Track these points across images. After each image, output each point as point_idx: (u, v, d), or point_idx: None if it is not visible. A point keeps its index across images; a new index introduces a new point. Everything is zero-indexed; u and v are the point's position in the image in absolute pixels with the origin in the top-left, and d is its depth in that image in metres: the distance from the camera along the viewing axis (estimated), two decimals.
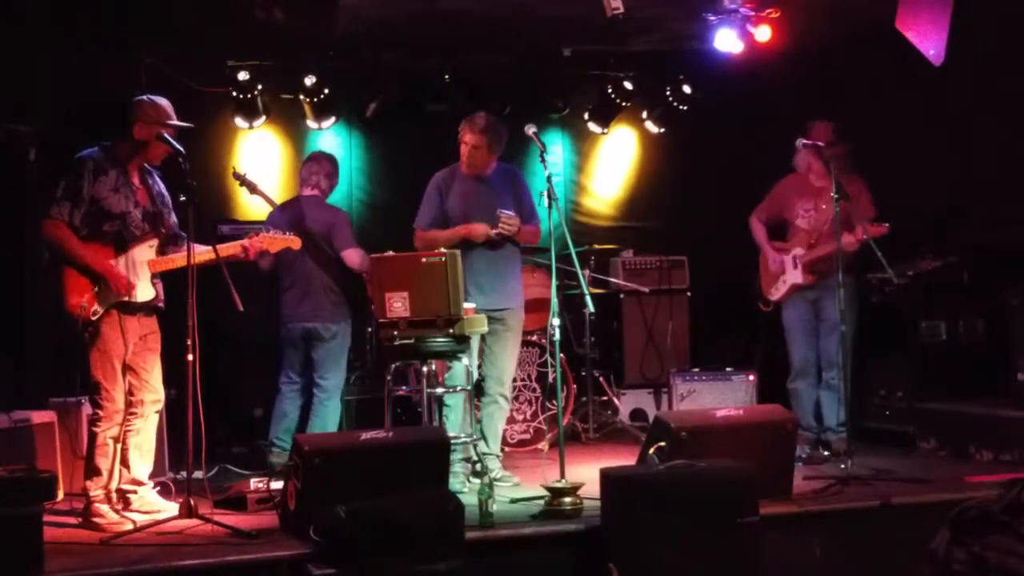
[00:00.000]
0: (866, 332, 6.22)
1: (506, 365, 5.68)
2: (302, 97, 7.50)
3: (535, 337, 6.84)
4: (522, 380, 6.84)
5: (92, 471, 4.76)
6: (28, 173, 6.10)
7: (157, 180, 5.06)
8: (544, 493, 4.72)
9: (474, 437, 5.46)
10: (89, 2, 6.28)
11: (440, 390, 5.48)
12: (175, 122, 4.89)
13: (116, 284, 4.72)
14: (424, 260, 5.15)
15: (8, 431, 5.16)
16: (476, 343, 5.55)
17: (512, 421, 6.68)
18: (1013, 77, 6.14)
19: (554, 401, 6.16)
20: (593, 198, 8.74)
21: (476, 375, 5.56)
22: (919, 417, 6.34)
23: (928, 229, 6.45)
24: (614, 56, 8.02)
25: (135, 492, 4.89)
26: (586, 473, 4.90)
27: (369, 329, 6.89)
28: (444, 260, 5.10)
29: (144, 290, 4.83)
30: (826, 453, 6.12)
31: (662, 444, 4.64)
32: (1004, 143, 6.26)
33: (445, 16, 6.82)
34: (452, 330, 5.13)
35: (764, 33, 6.70)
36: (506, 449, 6.36)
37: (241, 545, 4.19)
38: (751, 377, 6.98)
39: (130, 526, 4.57)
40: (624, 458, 5.49)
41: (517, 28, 7.23)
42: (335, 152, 7.09)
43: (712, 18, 6.76)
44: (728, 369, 7.09)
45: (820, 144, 5.85)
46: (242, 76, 7.20)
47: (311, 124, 7.73)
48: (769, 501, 4.48)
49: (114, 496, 4.82)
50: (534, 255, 6.82)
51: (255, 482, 5.05)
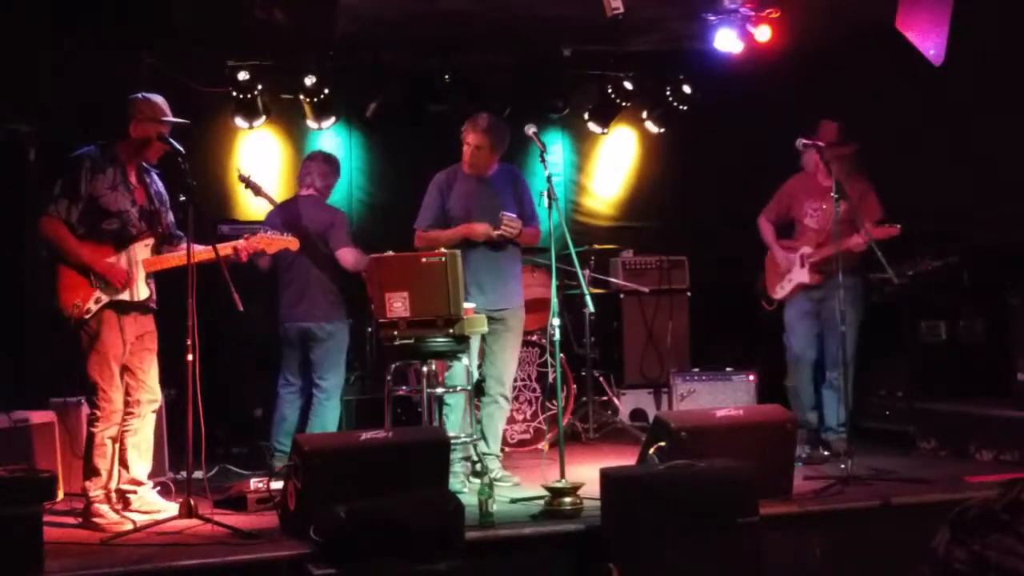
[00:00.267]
0: (866, 332, 6.21)
1: (506, 365, 5.68)
2: (302, 97, 7.50)
3: (535, 337, 6.84)
4: (522, 380, 6.84)
5: (91, 471, 4.76)
6: (28, 173, 6.11)
7: (155, 179, 5.06)
8: (544, 493, 4.72)
9: (474, 437, 5.46)
10: (89, 2, 6.28)
11: (440, 390, 5.48)
12: (170, 119, 4.89)
13: (115, 279, 4.71)
14: (424, 260, 5.15)
15: (8, 431, 5.15)
16: (476, 343, 5.55)
17: (512, 421, 6.67)
18: (1013, 77, 6.14)
19: (554, 401, 6.16)
20: (593, 198, 8.75)
21: (476, 375, 5.56)
22: (919, 417, 6.34)
23: (928, 229, 6.45)
24: (614, 56, 8.02)
25: (135, 492, 4.89)
26: (586, 473, 4.89)
27: (369, 329, 6.89)
28: (444, 260, 5.09)
29: (140, 289, 4.83)
30: (826, 453, 6.11)
31: (662, 444, 4.64)
32: (1004, 143, 6.26)
33: (445, 16, 6.82)
34: (452, 330, 5.13)
35: (764, 33, 6.71)
36: (506, 449, 6.36)
37: (241, 545, 4.19)
38: (751, 377, 6.97)
39: (130, 526, 4.57)
40: (624, 458, 5.49)
41: (517, 28, 7.23)
42: (335, 152, 7.09)
43: (712, 18, 6.77)
44: (728, 369, 7.09)
45: (820, 144, 5.84)
46: (242, 76, 7.20)
47: (311, 124, 7.73)
48: (769, 501, 4.47)
49: (114, 496, 4.82)
50: (534, 255, 6.81)
51: (255, 482, 5.04)
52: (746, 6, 6.61)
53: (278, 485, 4.75)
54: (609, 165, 8.77)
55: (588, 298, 5.18)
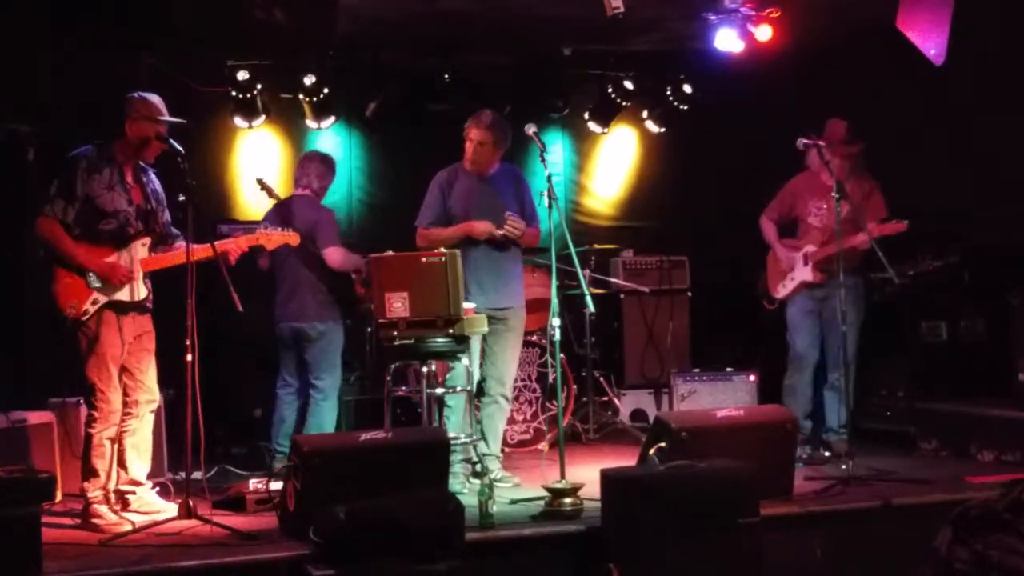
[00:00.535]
0: (867, 332, 6.21)
1: (507, 365, 5.67)
2: (302, 97, 7.50)
3: (535, 337, 6.84)
4: (522, 380, 6.83)
5: (89, 472, 4.75)
6: (28, 173, 6.10)
7: (152, 178, 5.05)
8: (544, 494, 4.72)
9: (474, 438, 5.45)
10: (89, 2, 6.27)
11: (440, 390, 5.47)
12: (166, 118, 4.88)
13: (115, 276, 4.70)
14: (424, 260, 5.14)
15: (6, 431, 5.15)
16: (477, 343, 5.55)
17: (512, 421, 6.67)
18: (1014, 77, 6.13)
19: (554, 401, 6.15)
20: (593, 198, 8.74)
21: (477, 376, 5.56)
22: (920, 417, 6.33)
23: (928, 229, 6.44)
24: (614, 56, 8.02)
25: (133, 493, 4.88)
26: (586, 473, 4.89)
27: (369, 329, 6.88)
28: (444, 260, 5.09)
29: (138, 288, 4.82)
30: (827, 454, 6.10)
31: (662, 444, 4.63)
32: (1005, 143, 6.26)
33: (445, 16, 6.82)
34: (452, 330, 5.12)
35: (764, 33, 6.70)
36: (506, 449, 6.35)
37: (240, 546, 4.18)
38: (751, 377, 6.97)
39: (129, 527, 4.56)
40: (624, 458, 5.48)
41: (517, 28, 7.22)
42: (335, 152, 7.09)
43: (712, 18, 6.76)
44: (728, 369, 7.09)
45: (821, 143, 5.83)
46: (242, 76, 7.20)
47: (311, 124, 7.73)
48: (769, 501, 4.46)
49: (112, 497, 4.82)
50: (534, 255, 6.81)
51: (254, 483, 5.03)
52: (746, 6, 6.61)
53: (277, 486, 4.75)
54: (609, 165, 8.77)
55: (588, 298, 5.17)
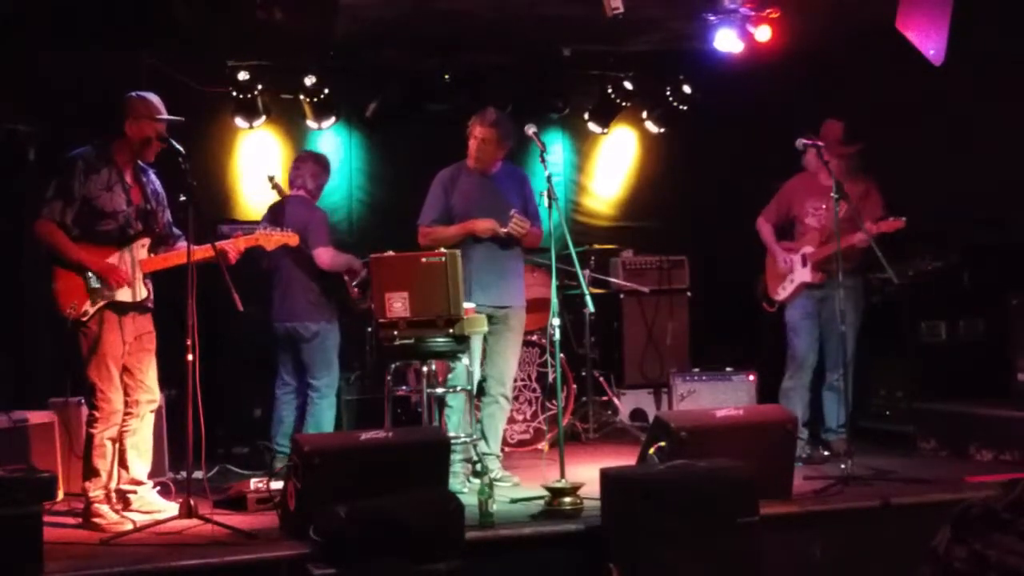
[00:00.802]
0: (866, 332, 6.21)
1: (508, 365, 5.68)
2: (302, 97, 7.50)
3: (535, 337, 6.84)
4: (522, 380, 6.83)
5: (90, 472, 4.75)
6: (28, 173, 6.11)
7: (152, 178, 5.04)
8: (544, 493, 4.72)
9: (474, 437, 5.46)
10: (89, 2, 6.28)
11: (440, 390, 5.47)
12: (164, 116, 4.88)
13: (115, 279, 4.70)
14: (424, 260, 5.15)
15: (7, 431, 5.15)
16: (478, 343, 5.55)
17: (512, 421, 6.67)
18: (1014, 77, 6.13)
19: (554, 401, 6.15)
20: (593, 198, 8.74)
21: (478, 375, 5.56)
22: (919, 417, 6.34)
23: (928, 229, 6.44)
24: (614, 56, 8.02)
25: (135, 492, 4.89)
26: (586, 473, 4.89)
27: (369, 329, 6.89)
28: (444, 260, 5.09)
29: (138, 289, 4.82)
30: (826, 453, 6.11)
31: (662, 444, 4.63)
32: (1004, 143, 6.26)
33: (445, 16, 6.82)
34: (452, 330, 5.12)
35: (764, 33, 6.70)
36: (506, 449, 6.35)
37: (241, 545, 4.19)
38: (751, 377, 6.97)
39: (130, 526, 4.57)
40: (624, 458, 5.49)
41: (517, 28, 7.22)
42: (335, 152, 7.10)
43: (712, 18, 6.76)
44: (728, 369, 7.09)
45: (820, 144, 5.83)
46: (242, 76, 7.20)
47: (311, 124, 7.73)
48: (769, 501, 4.46)
49: (114, 496, 4.82)
50: (534, 255, 6.81)
51: (255, 482, 5.04)
52: (746, 6, 6.61)
53: (278, 485, 4.76)
54: (609, 165, 8.77)
55: (588, 298, 5.18)
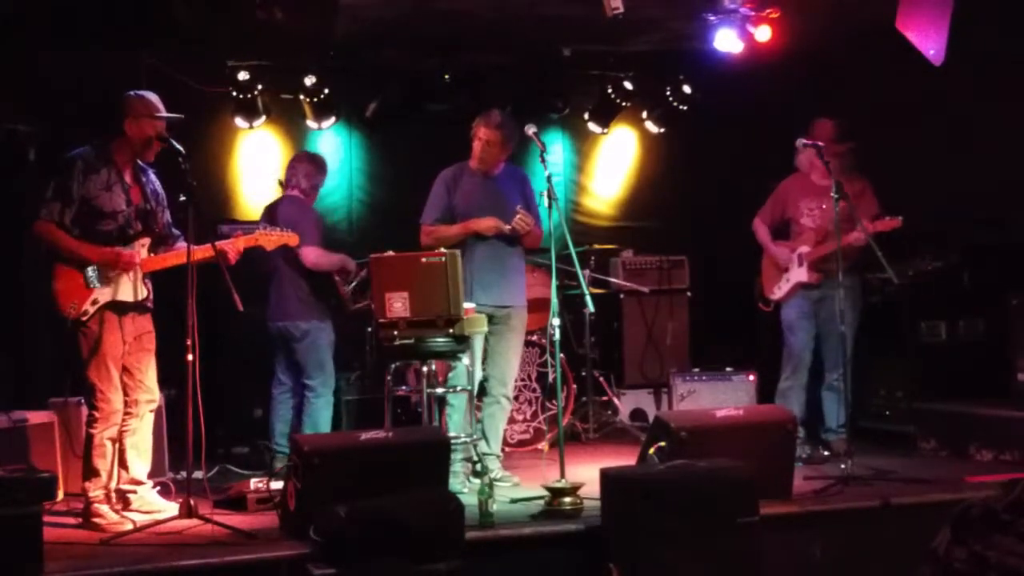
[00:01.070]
0: (866, 332, 6.21)
1: (509, 365, 5.68)
2: (302, 97, 7.50)
3: (535, 337, 6.84)
4: (522, 380, 6.83)
5: (90, 472, 4.75)
6: (28, 173, 6.11)
7: (152, 178, 5.04)
8: (544, 493, 4.72)
9: (474, 437, 5.46)
10: (89, 2, 6.28)
11: (440, 390, 5.47)
12: (163, 114, 4.87)
13: (121, 263, 4.69)
14: (424, 260, 5.15)
15: (7, 431, 5.15)
16: (479, 343, 5.55)
17: (512, 421, 6.66)
18: (1014, 77, 6.13)
19: (554, 401, 6.15)
20: (593, 198, 8.74)
21: (479, 375, 5.56)
22: (919, 417, 6.33)
23: (928, 229, 6.44)
24: (614, 56, 8.02)
25: (135, 492, 4.89)
26: (586, 473, 4.89)
27: (369, 329, 6.89)
28: (444, 260, 5.09)
29: (138, 289, 4.82)
30: (826, 453, 6.11)
31: (662, 444, 4.63)
32: (1004, 143, 6.26)
33: (445, 16, 6.82)
34: (452, 330, 5.12)
35: (764, 33, 6.70)
36: (506, 449, 6.35)
37: (241, 545, 4.19)
38: (751, 377, 6.97)
39: (130, 526, 4.57)
40: (624, 458, 5.48)
41: (517, 28, 7.22)
42: (335, 152, 7.09)
43: (712, 18, 6.76)
44: (728, 369, 7.08)
45: (820, 144, 5.83)
46: (242, 76, 7.20)
47: (311, 124, 7.73)
48: (769, 501, 4.46)
49: (114, 496, 4.82)
50: (534, 255, 6.81)
51: (255, 482, 5.04)
52: (746, 6, 6.60)
53: (278, 485, 4.76)
54: (609, 165, 8.77)
55: (588, 298, 5.18)
